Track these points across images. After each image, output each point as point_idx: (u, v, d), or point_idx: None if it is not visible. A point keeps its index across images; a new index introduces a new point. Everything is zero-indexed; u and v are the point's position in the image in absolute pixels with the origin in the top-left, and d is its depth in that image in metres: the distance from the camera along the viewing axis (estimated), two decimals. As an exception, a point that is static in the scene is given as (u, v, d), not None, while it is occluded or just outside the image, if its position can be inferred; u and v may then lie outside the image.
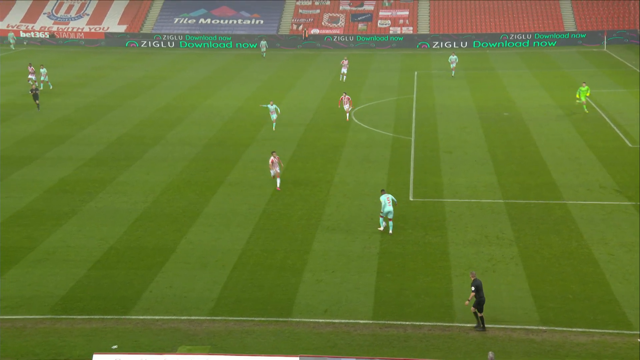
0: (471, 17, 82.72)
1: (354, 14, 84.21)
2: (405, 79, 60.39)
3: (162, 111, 48.64)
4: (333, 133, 42.31)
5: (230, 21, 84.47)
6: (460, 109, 48.39)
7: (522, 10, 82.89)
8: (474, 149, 38.62)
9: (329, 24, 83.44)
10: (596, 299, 22.14)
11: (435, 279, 23.58)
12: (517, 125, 43.61)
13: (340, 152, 38.39)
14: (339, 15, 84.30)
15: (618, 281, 23.11)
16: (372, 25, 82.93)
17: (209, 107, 50.04)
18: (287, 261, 25.05)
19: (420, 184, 33.02)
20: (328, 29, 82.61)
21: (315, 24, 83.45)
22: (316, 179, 33.91)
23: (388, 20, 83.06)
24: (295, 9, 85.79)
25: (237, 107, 49.75)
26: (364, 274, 23.96)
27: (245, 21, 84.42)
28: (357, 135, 41.81)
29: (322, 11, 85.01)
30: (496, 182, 33.13)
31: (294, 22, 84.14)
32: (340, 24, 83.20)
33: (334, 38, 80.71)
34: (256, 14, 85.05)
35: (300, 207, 30.17)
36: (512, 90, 54.22)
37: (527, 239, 26.62)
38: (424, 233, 27.38)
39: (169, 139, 41.27)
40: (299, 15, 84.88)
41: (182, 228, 27.95)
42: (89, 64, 68.61)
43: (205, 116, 47.08)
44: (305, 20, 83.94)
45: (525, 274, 23.82)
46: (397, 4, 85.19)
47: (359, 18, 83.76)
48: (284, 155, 37.68)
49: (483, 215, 29.14)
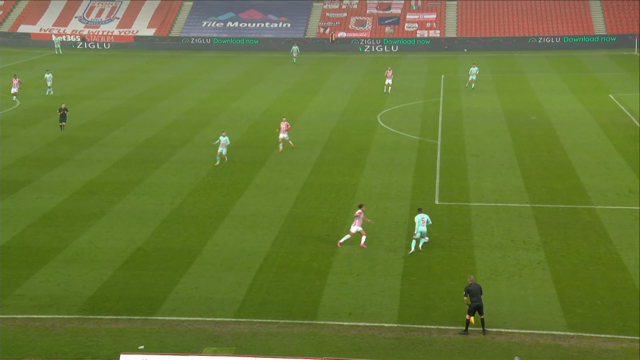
0: (499, 20, 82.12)
1: (381, 17, 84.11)
2: (432, 82, 60.12)
3: (189, 114, 49.02)
4: (359, 136, 42.27)
5: (258, 24, 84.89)
6: (487, 112, 48.04)
7: (551, 13, 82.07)
8: (500, 153, 38.30)
9: (356, 27, 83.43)
10: (625, 305, 21.80)
11: (461, 283, 23.38)
12: (545, 129, 43.16)
13: (366, 155, 38.34)
14: (366, 19, 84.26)
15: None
16: (399, 28, 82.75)
17: (236, 109, 50.29)
18: (312, 264, 25.06)
19: (447, 188, 32.83)
20: (355, 32, 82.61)
21: (342, 27, 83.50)
22: (342, 182, 33.90)
23: (415, 24, 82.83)
24: (322, 12, 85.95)
25: (263, 110, 49.94)
26: (389, 277, 23.88)
27: (273, 24, 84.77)
28: (383, 139, 41.71)
29: (349, 14, 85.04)
30: (523, 186, 32.82)
31: (321, 25, 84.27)
32: (367, 27, 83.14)
33: (361, 41, 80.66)
34: (283, 17, 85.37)
35: (326, 210, 30.17)
36: (540, 94, 53.70)
37: (554, 244, 26.32)
38: (450, 236, 27.21)
39: (196, 141, 41.57)
40: (326, 19, 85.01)
41: (208, 230, 28.13)
42: (118, 67, 69.44)
43: (232, 119, 47.34)
44: (332, 24, 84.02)
45: (553, 279, 23.54)
46: (425, 7, 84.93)
47: (386, 21, 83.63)
48: (309, 158, 37.73)
49: (509, 219, 28.87)
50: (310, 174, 35.20)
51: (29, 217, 29.47)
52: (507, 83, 58.95)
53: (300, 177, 34.58)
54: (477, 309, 20.31)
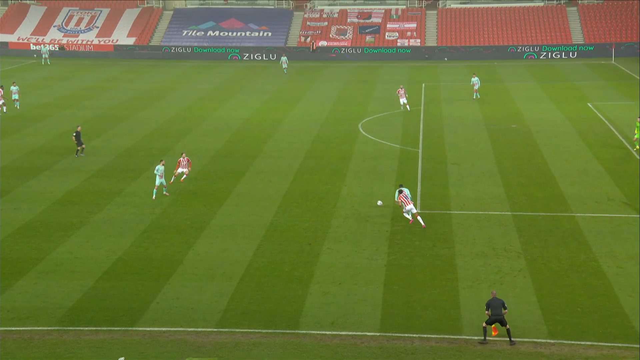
0: (479, 29, 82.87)
1: (361, 26, 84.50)
2: (413, 91, 60.45)
3: (170, 122, 48.86)
4: (340, 145, 42.38)
5: (239, 33, 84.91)
6: (467, 120, 48.39)
7: (530, 23, 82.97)
8: (481, 161, 38.59)
9: (337, 36, 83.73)
10: (605, 312, 22.02)
11: (443, 291, 23.50)
12: (525, 137, 43.56)
13: (348, 163, 38.44)
14: (347, 28, 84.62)
15: (627, 294, 22.99)
16: (380, 37, 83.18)
17: (218, 118, 50.22)
18: (294, 273, 25.05)
19: (428, 196, 32.99)
20: (336, 41, 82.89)
21: (323, 36, 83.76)
22: (323, 191, 33.95)
23: (396, 33, 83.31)
24: (303, 21, 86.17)
25: (245, 119, 49.92)
26: (371, 286, 23.92)
27: (254, 33, 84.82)
28: (364, 147, 41.85)
29: (330, 23, 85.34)
30: (504, 194, 33.07)
31: (302, 34, 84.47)
32: (348, 36, 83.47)
33: (342, 50, 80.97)
34: (264, 26, 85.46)
35: (308, 219, 30.19)
36: (520, 103, 54.20)
37: (535, 252, 26.53)
38: (432, 245, 27.33)
39: (177, 150, 41.41)
40: (307, 28, 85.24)
41: (189, 240, 28.02)
42: (98, 76, 69.06)
43: (213, 127, 47.25)
44: (313, 33, 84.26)
45: (533, 286, 23.72)
46: (405, 16, 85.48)
47: (366, 30, 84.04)
48: (291, 167, 37.75)
49: (490, 227, 29.07)
50: (292, 182, 35.21)
51: (7, 227, 29.15)
52: (487, 92, 59.41)
53: (282, 186, 34.58)
54: (499, 322, 20.39)
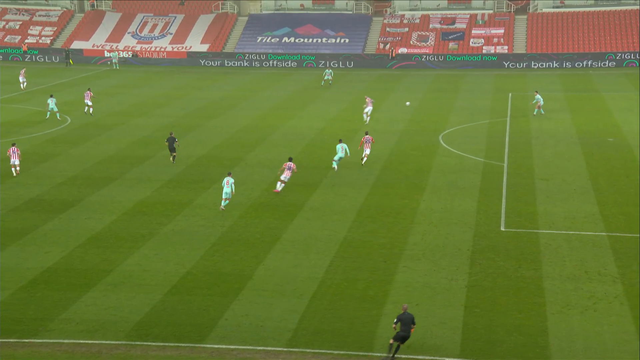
0: (573, 35, 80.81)
1: (444, 32, 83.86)
2: (499, 101, 59.47)
3: (242, 132, 49.73)
4: (419, 157, 42.07)
5: (315, 40, 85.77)
6: (558, 133, 47.19)
7: (630, 27, 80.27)
8: (573, 177, 37.51)
9: (418, 42, 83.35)
10: None
11: (529, 316, 22.92)
12: (623, 152, 42.10)
13: (427, 177, 38.10)
14: (429, 34, 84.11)
15: None
16: (464, 44, 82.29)
17: (291, 128, 50.74)
18: (369, 292, 24.97)
19: (513, 213, 32.30)
20: (417, 48, 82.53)
21: (403, 43, 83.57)
22: (400, 205, 33.76)
23: (481, 39, 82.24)
24: (382, 27, 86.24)
25: (319, 129, 50.24)
26: (450, 308, 23.57)
27: (330, 40, 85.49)
28: (445, 160, 41.41)
29: (411, 29, 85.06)
30: (598, 212, 32.02)
31: (381, 40, 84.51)
32: (430, 43, 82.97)
33: (423, 57, 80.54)
34: (341, 32, 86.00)
35: (384, 235, 30.06)
36: (617, 114, 52.46)
37: (633, 276, 25.53)
38: (517, 266, 26.73)
39: (249, 160, 42.10)
40: (386, 34, 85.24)
41: (260, 254, 28.36)
42: (170, 84, 71.09)
43: (286, 137, 47.78)
44: (392, 39, 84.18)
45: (632, 314, 22.82)
46: (492, 22, 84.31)
47: (450, 37, 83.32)
48: (366, 180, 37.71)
49: (583, 248, 28.18)
50: (368, 196, 35.17)
51: (77, 238, 30.28)
52: (581, 102, 57.80)
53: (357, 200, 34.59)
54: (403, 339, 20.38)
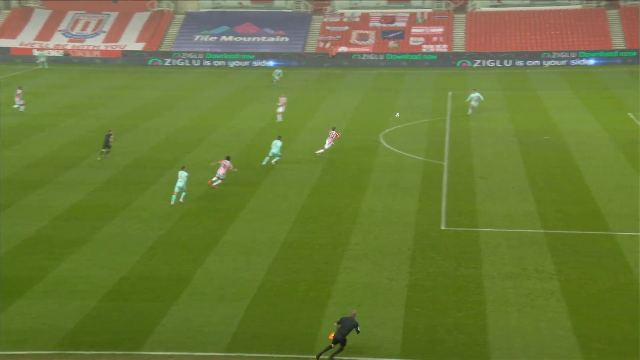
0: (511, 34, 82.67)
1: (384, 31, 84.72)
2: (439, 100, 60.42)
3: (180, 132, 49.20)
4: (360, 157, 42.39)
5: (254, 38, 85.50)
6: (497, 132, 48.20)
7: (567, 27, 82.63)
8: (511, 175, 38.39)
9: (358, 41, 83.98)
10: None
11: (469, 315, 23.35)
12: (559, 150, 43.30)
13: (368, 177, 38.43)
14: (369, 33, 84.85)
15: (671, 320, 22.66)
16: (404, 42, 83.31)
17: (231, 128, 50.47)
18: (310, 293, 25.03)
19: (453, 212, 32.86)
20: (357, 47, 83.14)
21: (343, 42, 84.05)
22: (342, 205, 33.95)
23: (421, 38, 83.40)
24: (322, 26, 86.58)
25: (260, 129, 50.12)
26: (391, 308, 23.83)
27: (270, 38, 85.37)
28: (386, 160, 41.83)
29: (351, 28, 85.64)
30: (535, 210, 32.84)
31: (321, 39, 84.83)
32: (370, 42, 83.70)
33: (363, 56, 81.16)
34: (281, 31, 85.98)
35: (325, 236, 30.18)
36: (554, 113, 53.91)
37: (569, 273, 26.28)
38: (457, 265, 27.19)
39: (187, 162, 41.62)
40: (326, 32, 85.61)
41: (199, 257, 28.11)
42: (105, 84, 69.81)
43: (225, 138, 47.49)
44: (332, 38, 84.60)
45: (568, 310, 23.48)
46: (431, 20, 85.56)
47: (389, 35, 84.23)
48: (307, 180, 37.78)
49: (521, 246, 28.86)
50: (309, 196, 35.25)
51: (6, 244, 29.43)
52: (518, 101, 59.20)
53: (298, 200, 34.63)
54: (335, 341, 20.59)
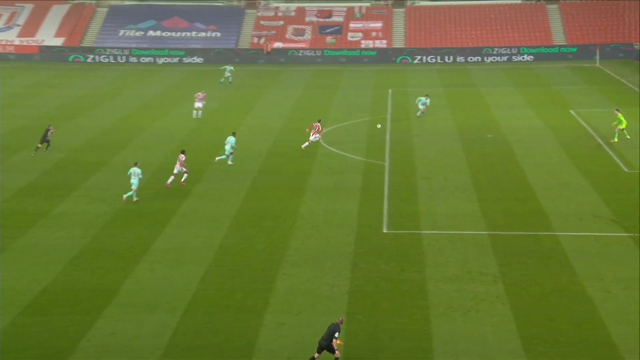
0: (451, 30, 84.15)
1: (321, 26, 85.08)
2: (379, 97, 61.01)
3: (105, 133, 48.37)
4: (299, 157, 42.46)
5: (184, 34, 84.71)
6: (439, 130, 48.96)
7: (507, 22, 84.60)
8: (454, 174, 39.05)
9: (294, 36, 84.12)
10: (591, 342, 22.37)
11: (412, 320, 23.63)
12: (502, 148, 44.27)
13: (307, 178, 38.51)
14: (305, 28, 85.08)
15: (615, 321, 23.40)
16: (342, 38, 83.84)
17: (160, 128, 49.93)
18: (247, 302, 24.93)
19: (396, 214, 33.22)
20: (293, 42, 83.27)
21: (278, 37, 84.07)
22: (280, 209, 33.94)
23: (359, 33, 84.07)
24: (256, 21, 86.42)
25: (191, 129, 49.72)
26: (332, 315, 23.88)
27: (200, 33, 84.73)
28: (325, 161, 42.01)
29: (286, 23, 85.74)
30: (479, 210, 33.49)
31: (255, 34, 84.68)
32: (307, 37, 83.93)
33: (300, 52, 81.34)
34: (212, 26, 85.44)
35: (262, 241, 30.11)
36: (496, 110, 55.11)
37: (513, 275, 26.89)
38: (400, 269, 27.49)
39: (113, 165, 40.99)
40: (261, 27, 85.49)
41: (128, 266, 27.68)
42: (21, 82, 68.06)
43: (155, 139, 46.94)
44: (267, 33, 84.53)
45: (512, 313, 24.00)
46: (370, 15, 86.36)
47: (327, 30, 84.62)
48: (243, 183, 37.66)
49: (465, 248, 29.38)
50: (244, 200, 35.12)
51: None
52: (460, 98, 60.30)
53: (233, 204, 34.47)
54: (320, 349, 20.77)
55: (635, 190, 35.93)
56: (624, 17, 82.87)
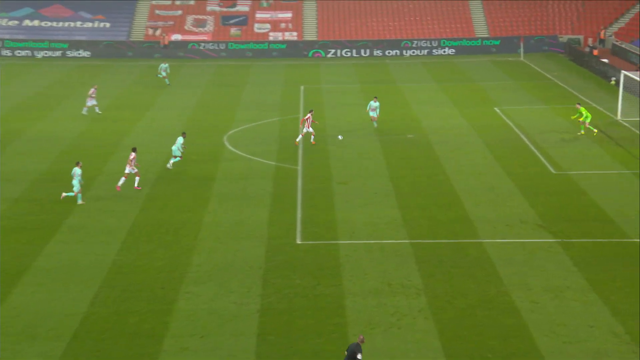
0: (367, 21, 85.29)
1: (225, 16, 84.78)
2: (290, 95, 61.22)
3: (-24, 138, 46.86)
4: (202, 163, 42.16)
5: (67, 24, 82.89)
6: (356, 130, 49.49)
7: (427, 13, 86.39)
8: (373, 179, 39.55)
9: (194, 28, 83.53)
10: (519, 356, 22.99)
11: (330, 340, 23.77)
12: (424, 149, 45.12)
13: (211, 186, 38.28)
14: (207, 18, 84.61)
15: (543, 334, 24.15)
16: (248, 29, 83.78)
17: (40, 132, 48.78)
18: (144, 325, 24.58)
19: (310, 223, 33.39)
20: (193, 34, 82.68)
21: (176, 29, 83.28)
22: (181, 220, 33.63)
23: (267, 24, 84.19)
24: (150, 10, 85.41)
25: (78, 132, 48.76)
26: (241, 337, 23.84)
27: (86, 24, 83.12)
28: (231, 165, 41.86)
29: (185, 12, 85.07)
30: (400, 217, 34.02)
31: (150, 25, 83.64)
32: (209, 29, 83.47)
33: (201, 45, 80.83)
34: (100, 15, 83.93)
35: (161, 257, 29.77)
36: (417, 107, 56.13)
37: (437, 287, 27.42)
38: (316, 283, 27.62)
39: (-13, 174, 39.72)
40: (156, 17, 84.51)
41: (2, 289, 26.85)
42: None
43: (35, 144, 45.82)
44: (163, 24, 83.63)
45: (437, 329, 24.46)
46: (278, 4, 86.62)
47: (231, 21, 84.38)
48: (139, 192, 37.11)
49: (385, 258, 29.78)
50: (141, 211, 34.67)
51: None
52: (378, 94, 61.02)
53: (128, 216, 34.01)
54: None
55: (562, 192, 37.25)
56: (548, 9, 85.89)
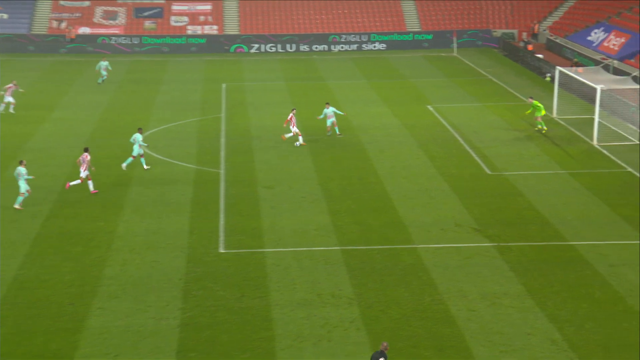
0: (292, 14, 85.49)
1: (138, 8, 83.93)
2: (210, 93, 60.91)
3: None
4: (115, 167, 41.64)
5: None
6: (280, 131, 49.55)
7: (356, 6, 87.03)
8: (301, 183, 39.66)
9: (104, 20, 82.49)
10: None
11: (256, 355, 23.74)
12: (355, 151, 45.45)
13: (126, 192, 37.90)
14: (118, 10, 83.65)
15: (480, 344, 24.57)
16: (164, 22, 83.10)
17: None
18: (51, 345, 24.15)
19: (234, 231, 33.30)
20: (103, 28, 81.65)
21: (84, 21, 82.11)
22: (92, 229, 33.20)
23: (185, 17, 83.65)
24: (54, 1, 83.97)
25: (-25, 135, 47.64)
26: (159, 356, 23.63)
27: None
28: (147, 170, 41.42)
29: (94, 4, 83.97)
30: (330, 223, 34.18)
31: (54, 18, 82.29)
32: (120, 21, 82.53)
33: (112, 39, 79.87)
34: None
35: (70, 270, 29.32)
36: (346, 106, 56.45)
37: (370, 296, 27.63)
38: (240, 294, 27.56)
39: None
40: (61, 9, 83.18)
41: None
42: None
43: None
44: (69, 16, 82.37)
45: (370, 340, 24.62)
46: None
47: (145, 13, 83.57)
48: (44, 200, 36.46)
49: (314, 267, 29.89)
50: (46, 221, 34.09)
51: None
52: (305, 92, 61.31)
53: (31, 226, 33.44)
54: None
55: (498, 194, 37.99)
56: (481, 2, 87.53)
